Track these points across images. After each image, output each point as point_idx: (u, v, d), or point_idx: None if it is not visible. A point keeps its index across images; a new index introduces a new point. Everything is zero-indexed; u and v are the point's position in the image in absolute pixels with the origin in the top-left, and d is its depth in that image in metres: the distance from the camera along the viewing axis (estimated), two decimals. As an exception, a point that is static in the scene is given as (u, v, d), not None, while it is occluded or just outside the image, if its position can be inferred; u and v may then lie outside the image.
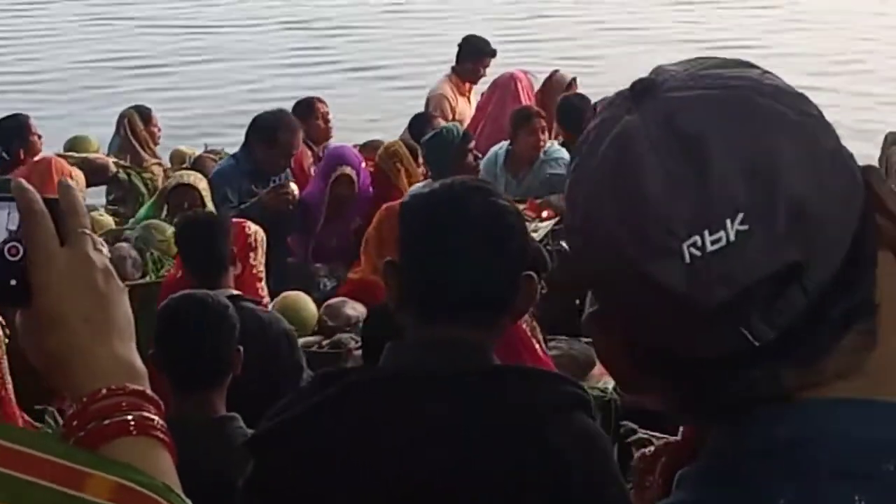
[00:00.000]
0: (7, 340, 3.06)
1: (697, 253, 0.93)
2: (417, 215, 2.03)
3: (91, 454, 0.98)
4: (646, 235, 0.94)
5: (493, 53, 8.80)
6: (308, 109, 7.44)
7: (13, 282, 1.05)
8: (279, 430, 1.94)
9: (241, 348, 3.22)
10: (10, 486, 0.93)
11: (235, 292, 4.18)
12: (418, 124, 7.61)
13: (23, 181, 1.08)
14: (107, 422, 1.01)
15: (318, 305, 5.41)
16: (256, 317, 4.00)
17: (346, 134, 8.44)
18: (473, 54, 8.74)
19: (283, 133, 6.49)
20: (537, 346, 3.94)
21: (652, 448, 2.57)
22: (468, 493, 1.82)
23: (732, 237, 0.92)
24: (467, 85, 8.83)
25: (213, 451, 2.82)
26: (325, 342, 5.08)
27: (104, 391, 1.02)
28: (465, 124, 7.94)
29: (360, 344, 4.68)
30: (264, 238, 5.26)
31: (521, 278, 1.99)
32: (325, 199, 6.39)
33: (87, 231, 1.07)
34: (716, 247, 0.92)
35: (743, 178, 0.93)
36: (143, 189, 7.21)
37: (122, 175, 7.23)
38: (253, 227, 5.21)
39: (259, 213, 5.93)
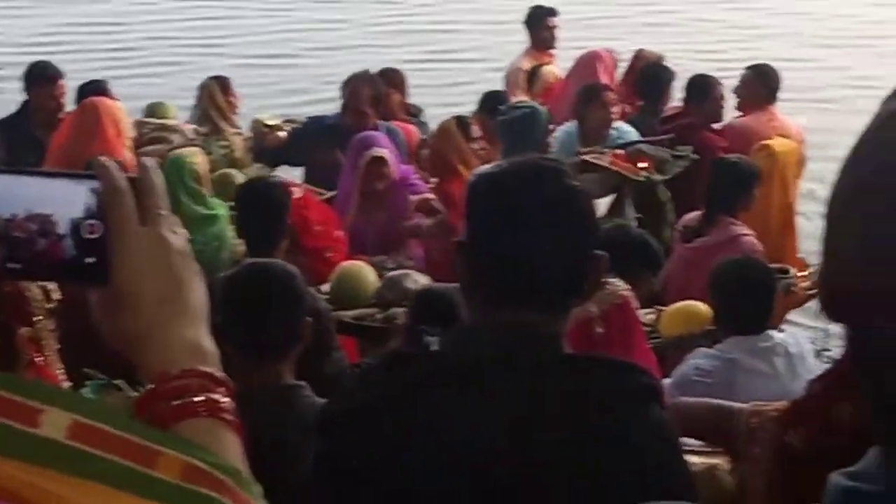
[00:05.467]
0: (55, 305, 3.12)
1: None
2: (487, 195, 2.00)
3: (163, 433, 0.99)
4: (885, 272, 0.78)
5: (552, 12, 8.97)
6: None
7: (91, 259, 1.05)
8: (353, 413, 1.94)
9: (310, 319, 3.22)
10: (83, 460, 0.94)
11: None
12: (490, 102, 7.61)
13: (106, 159, 1.08)
14: (176, 402, 1.02)
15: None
16: None
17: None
18: (536, 22, 8.94)
19: (346, 87, 6.59)
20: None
21: (756, 418, 2.56)
22: (543, 486, 1.81)
23: None
24: (547, 53, 8.94)
25: (281, 420, 2.83)
26: (378, 315, 5.00)
27: (175, 372, 1.03)
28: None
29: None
30: None
31: (590, 261, 1.97)
32: (354, 189, 6.12)
33: (166, 212, 1.08)
34: None
35: None
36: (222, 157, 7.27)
37: (201, 143, 7.28)
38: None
39: None
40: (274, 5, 16.14)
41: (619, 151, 6.75)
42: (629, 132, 7.16)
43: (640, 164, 6.63)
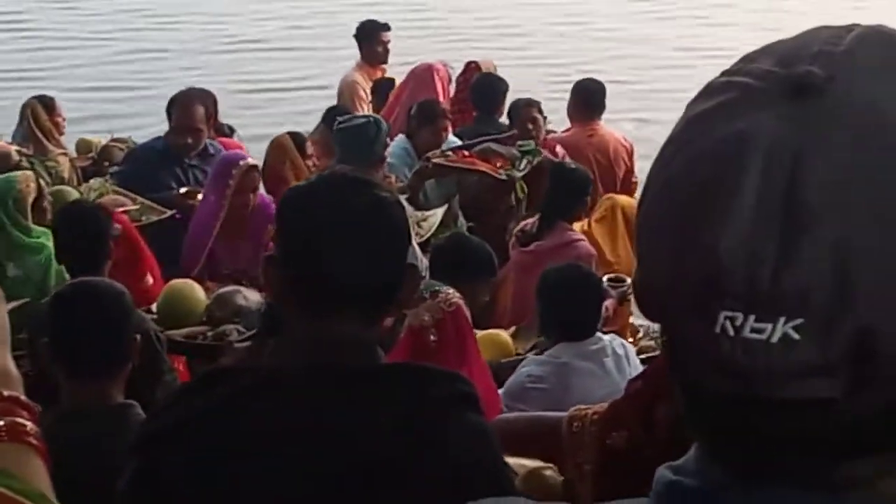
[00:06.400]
0: None
1: (730, 330, 0.77)
2: (298, 209, 2.00)
3: None
4: (691, 271, 0.79)
5: (384, 27, 8.99)
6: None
7: None
8: (168, 431, 1.91)
9: (138, 336, 3.16)
10: None
11: None
12: (333, 116, 7.57)
13: None
14: None
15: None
16: None
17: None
18: (368, 36, 8.92)
19: (175, 108, 6.36)
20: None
21: (578, 422, 2.59)
22: (365, 494, 1.81)
23: (775, 339, 0.76)
24: (379, 68, 8.93)
25: (110, 440, 2.78)
26: (209, 332, 4.91)
27: None
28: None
29: (242, 336, 4.67)
30: None
31: (403, 270, 1.99)
32: (219, 212, 5.79)
33: None
34: (752, 336, 0.77)
35: (834, 276, 0.75)
36: (48, 178, 7.08)
37: (25, 164, 7.10)
38: None
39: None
40: (98, 34, 15.78)
41: (466, 153, 6.76)
42: (455, 142, 7.14)
43: (498, 163, 6.66)
